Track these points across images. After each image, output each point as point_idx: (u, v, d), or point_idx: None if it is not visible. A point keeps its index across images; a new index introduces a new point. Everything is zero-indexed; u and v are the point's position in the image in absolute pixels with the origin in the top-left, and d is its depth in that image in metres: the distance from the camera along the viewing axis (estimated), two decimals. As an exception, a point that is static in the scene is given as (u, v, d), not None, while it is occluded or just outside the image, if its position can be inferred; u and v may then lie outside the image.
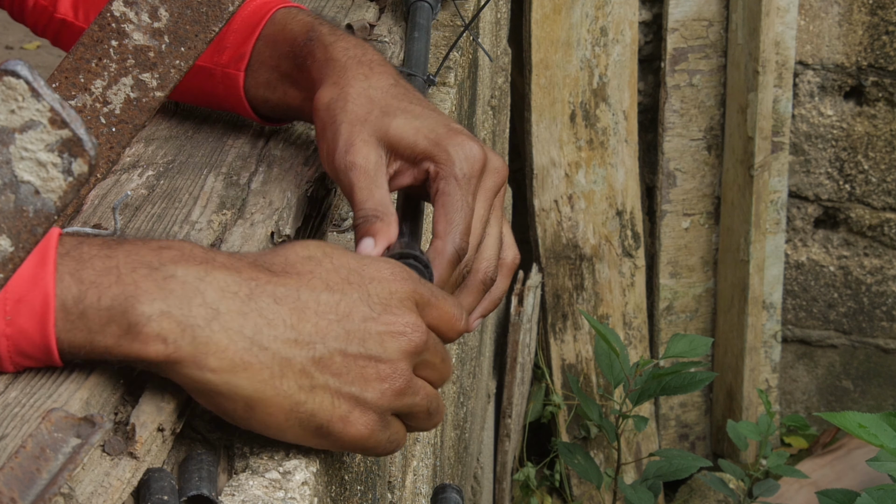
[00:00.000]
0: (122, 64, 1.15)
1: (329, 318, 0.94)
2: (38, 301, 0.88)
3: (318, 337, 0.93)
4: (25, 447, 0.72)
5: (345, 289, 0.96)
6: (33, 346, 0.90)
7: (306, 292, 0.94)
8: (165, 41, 1.15)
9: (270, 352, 0.92)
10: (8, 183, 0.68)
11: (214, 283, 0.91)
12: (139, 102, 1.16)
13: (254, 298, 0.92)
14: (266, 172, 1.30)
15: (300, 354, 0.92)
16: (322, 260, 0.97)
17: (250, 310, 0.92)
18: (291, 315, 0.93)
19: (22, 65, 0.67)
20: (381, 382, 0.95)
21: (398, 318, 0.96)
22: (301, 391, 0.92)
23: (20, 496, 0.70)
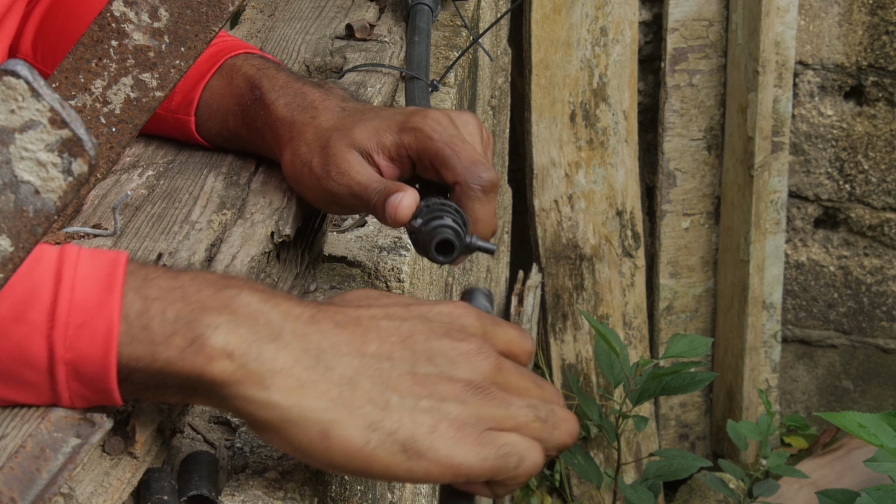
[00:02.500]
0: (122, 64, 1.15)
1: (392, 340, 0.91)
2: (102, 324, 0.85)
3: (384, 358, 0.90)
4: (25, 447, 0.72)
5: (405, 316, 0.93)
6: (93, 368, 0.86)
7: (366, 319, 0.92)
8: (165, 41, 1.15)
9: (337, 372, 0.88)
10: (8, 183, 0.68)
11: (277, 308, 0.89)
12: (139, 102, 1.16)
13: (315, 322, 0.90)
14: (266, 172, 1.30)
15: (367, 375, 0.89)
16: (379, 297, 0.95)
17: (313, 331, 0.89)
18: (353, 338, 0.90)
19: (22, 65, 0.67)
20: (459, 395, 0.90)
21: (462, 342, 0.93)
22: (376, 409, 0.88)
23: (20, 496, 0.70)
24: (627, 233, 3.37)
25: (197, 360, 0.85)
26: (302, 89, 1.26)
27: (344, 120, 1.21)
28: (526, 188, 3.26)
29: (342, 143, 1.18)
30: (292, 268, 1.24)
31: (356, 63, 1.61)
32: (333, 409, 0.87)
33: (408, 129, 1.17)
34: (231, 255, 1.15)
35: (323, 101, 1.24)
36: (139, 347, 0.86)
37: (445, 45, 1.88)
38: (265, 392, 0.86)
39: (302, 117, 1.22)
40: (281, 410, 0.87)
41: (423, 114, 1.17)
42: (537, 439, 0.93)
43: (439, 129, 1.16)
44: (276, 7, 1.80)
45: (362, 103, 1.25)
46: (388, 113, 1.20)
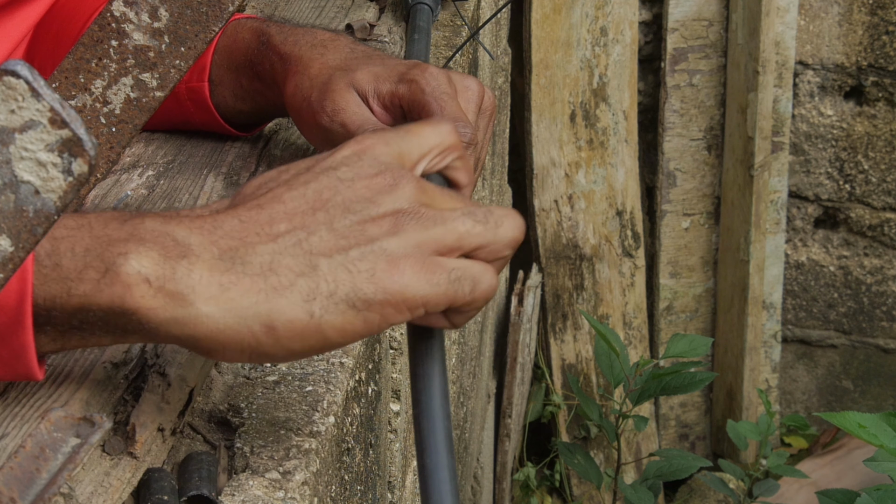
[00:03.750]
0: (122, 64, 1.15)
1: (301, 210, 0.86)
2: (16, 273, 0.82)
3: (298, 229, 0.85)
4: (25, 447, 0.72)
5: (308, 179, 0.88)
6: (8, 317, 0.83)
7: (267, 201, 0.87)
8: (165, 41, 1.15)
9: (255, 263, 0.84)
10: (8, 183, 0.68)
11: (180, 224, 0.86)
12: (139, 102, 1.16)
13: (219, 225, 0.86)
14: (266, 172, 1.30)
15: (287, 252, 0.84)
16: (278, 174, 0.90)
17: (219, 235, 0.85)
18: (260, 225, 0.86)
19: (22, 65, 0.67)
20: (389, 227, 0.85)
21: (376, 178, 0.87)
22: (307, 280, 0.83)
23: (20, 496, 0.70)
24: (627, 233, 3.37)
25: (115, 290, 0.82)
26: (311, 31, 1.28)
27: (350, 61, 1.23)
28: (526, 188, 3.27)
29: (342, 82, 1.20)
30: (292, 268, 1.24)
31: (356, 63, 1.61)
32: (266, 300, 0.83)
33: (405, 80, 1.19)
34: (231, 255, 1.15)
35: (333, 41, 1.27)
36: (53, 286, 0.83)
37: (445, 45, 1.88)
38: (192, 308, 0.83)
39: (310, 53, 1.25)
40: (215, 320, 0.83)
41: (423, 68, 1.19)
42: (484, 245, 0.88)
43: (433, 84, 1.17)
44: (276, 7, 1.80)
45: (368, 50, 1.27)
46: (393, 62, 1.22)
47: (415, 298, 0.84)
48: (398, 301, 0.84)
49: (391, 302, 0.84)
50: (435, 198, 0.88)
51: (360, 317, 0.84)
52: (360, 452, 1.19)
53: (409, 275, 0.84)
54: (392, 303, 0.84)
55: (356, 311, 0.84)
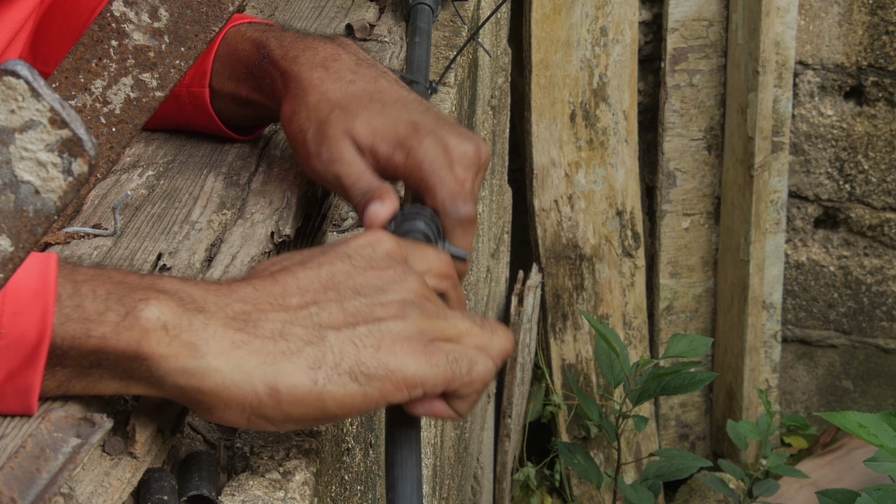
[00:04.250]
0: (122, 64, 1.15)
1: (313, 287, 0.91)
2: (37, 311, 0.85)
3: (311, 304, 0.90)
4: (25, 447, 0.72)
5: (322, 261, 0.92)
6: (23, 352, 0.85)
7: (282, 275, 0.92)
8: (165, 41, 1.15)
9: (267, 328, 0.88)
10: (8, 183, 0.68)
11: (197, 286, 0.90)
12: (139, 102, 1.16)
13: (234, 290, 0.90)
14: (266, 172, 1.30)
15: (298, 322, 0.88)
16: (292, 255, 0.95)
17: (233, 300, 0.89)
18: (273, 295, 0.90)
19: (22, 65, 0.67)
20: (396, 311, 0.90)
21: (387, 271, 0.93)
22: (315, 349, 0.87)
23: (20, 496, 0.70)
24: (627, 233, 3.37)
25: (132, 335, 0.85)
26: (312, 44, 1.25)
27: (350, 100, 1.20)
28: (526, 188, 3.26)
29: (339, 129, 1.18)
30: (292, 268, 1.24)
31: (356, 63, 1.61)
32: (273, 361, 0.87)
33: (403, 147, 1.16)
34: (231, 255, 1.15)
35: (334, 61, 1.23)
36: (73, 326, 0.85)
37: (445, 45, 1.88)
38: (203, 360, 0.86)
39: (310, 75, 1.22)
40: (223, 375, 0.86)
41: (421, 136, 1.17)
42: (480, 346, 0.92)
43: (430, 158, 1.15)
44: (276, 7, 1.80)
45: (372, 73, 1.23)
46: (393, 116, 1.19)
47: (414, 378, 0.89)
48: (398, 378, 0.88)
49: (391, 379, 0.88)
50: (436, 300, 0.93)
51: (361, 391, 0.88)
52: (360, 452, 1.19)
53: (410, 355, 0.89)
54: (392, 380, 0.88)
55: (357, 384, 0.87)
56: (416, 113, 1.19)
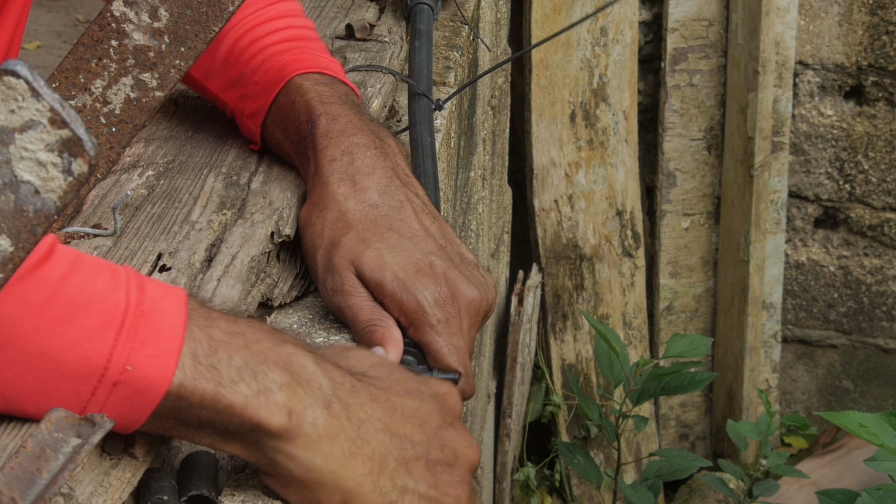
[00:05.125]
0: (122, 64, 1.15)
1: (413, 421, 0.96)
2: (166, 357, 0.86)
3: (407, 439, 0.95)
4: (26, 447, 0.72)
5: (421, 396, 0.99)
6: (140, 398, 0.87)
7: (393, 395, 0.97)
8: (165, 41, 1.15)
9: (372, 446, 0.93)
10: (8, 183, 0.68)
11: (326, 374, 0.93)
12: (139, 102, 1.16)
13: (357, 392, 0.94)
14: (266, 172, 1.30)
15: (393, 453, 0.94)
16: (391, 369, 1.00)
17: (354, 402, 0.94)
18: (385, 414, 0.95)
19: (22, 65, 0.67)
20: (456, 487, 0.97)
21: (464, 434, 0.99)
22: (395, 490, 0.94)
23: (20, 496, 0.70)
24: (627, 233, 3.37)
25: (259, 412, 0.88)
26: (353, 146, 1.23)
27: (367, 224, 1.19)
28: (526, 188, 3.26)
29: (347, 258, 1.17)
30: (292, 268, 1.24)
31: (356, 63, 1.61)
32: (362, 482, 0.92)
33: (409, 289, 1.16)
34: (231, 255, 1.15)
35: (366, 176, 1.21)
36: (206, 385, 0.88)
37: (445, 45, 1.88)
38: (311, 454, 0.90)
39: (336, 188, 1.20)
40: (319, 474, 0.91)
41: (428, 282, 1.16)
42: None
43: (431, 310, 1.16)
44: (276, 7, 1.80)
45: (400, 197, 1.21)
46: (407, 253, 1.17)
47: None
48: None
49: None
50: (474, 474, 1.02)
51: None
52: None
53: None
54: None
55: None
56: (432, 249, 1.18)
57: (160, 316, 0.87)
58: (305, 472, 0.91)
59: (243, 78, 1.32)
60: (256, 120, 1.31)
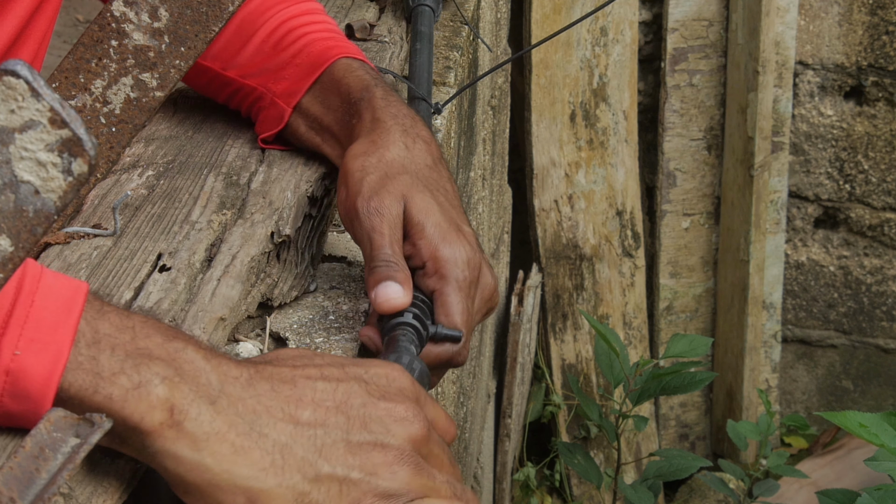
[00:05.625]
0: (122, 64, 1.15)
1: (326, 405, 0.91)
2: (55, 345, 0.84)
3: (318, 424, 0.90)
4: (25, 447, 0.72)
5: (340, 377, 0.93)
6: (33, 385, 0.84)
7: (302, 379, 0.92)
8: (165, 41, 1.15)
9: (270, 439, 0.88)
10: (8, 183, 0.68)
11: (218, 368, 0.89)
12: (139, 102, 1.16)
13: (252, 385, 0.90)
14: (266, 172, 1.30)
15: (301, 442, 0.89)
16: (314, 356, 0.96)
17: (248, 395, 0.89)
18: (289, 403, 0.90)
19: (22, 65, 0.67)
20: (391, 466, 0.91)
21: (398, 405, 0.93)
22: (305, 481, 0.88)
23: (19, 496, 0.70)
24: (627, 233, 3.37)
25: (139, 406, 0.84)
26: (413, 115, 1.26)
27: (425, 173, 1.21)
28: (526, 188, 3.27)
29: (401, 190, 1.17)
30: (292, 268, 1.24)
31: (356, 63, 1.61)
32: (263, 478, 0.87)
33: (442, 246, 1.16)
34: (231, 255, 1.15)
35: (425, 142, 1.24)
36: (84, 377, 0.84)
37: (445, 45, 1.88)
38: (198, 454, 0.85)
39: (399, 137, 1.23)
40: (211, 475, 0.86)
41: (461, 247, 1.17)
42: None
43: (458, 274, 1.16)
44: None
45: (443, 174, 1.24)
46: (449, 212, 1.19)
47: None
48: None
49: None
50: (433, 448, 0.94)
51: None
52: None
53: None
54: None
55: None
56: (464, 221, 1.21)
57: (53, 304, 0.85)
58: (197, 475, 0.85)
59: (281, 62, 1.34)
60: (290, 100, 1.32)
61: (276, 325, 1.19)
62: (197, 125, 1.41)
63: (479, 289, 1.18)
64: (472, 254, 1.17)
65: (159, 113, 1.42)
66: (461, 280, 1.15)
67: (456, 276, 1.15)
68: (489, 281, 1.19)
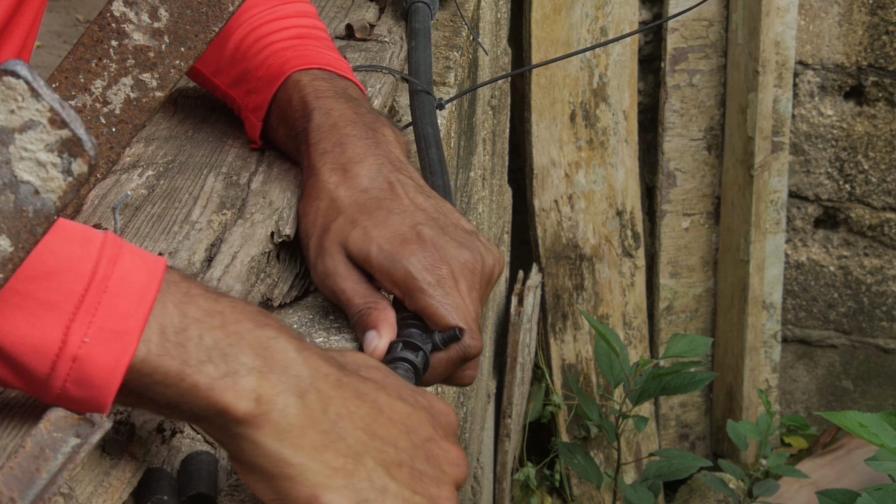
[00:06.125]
0: (122, 64, 1.15)
1: (400, 427, 0.93)
2: (126, 334, 0.84)
3: (390, 443, 0.92)
4: (25, 447, 0.72)
5: (415, 404, 0.95)
6: (98, 374, 0.84)
7: (384, 396, 0.94)
8: (165, 41, 1.15)
9: (346, 443, 0.89)
10: (8, 183, 0.68)
11: (308, 362, 0.90)
12: (139, 102, 1.16)
13: (341, 387, 0.91)
14: (266, 172, 1.30)
15: (373, 454, 0.90)
16: (387, 373, 0.97)
17: (336, 396, 0.90)
18: (368, 414, 0.92)
19: (22, 65, 0.67)
20: (446, 495, 0.93)
21: (455, 449, 0.96)
22: (372, 490, 0.89)
23: (19, 496, 0.70)
24: (627, 233, 3.37)
25: (225, 395, 0.85)
26: (347, 137, 1.22)
27: (356, 207, 1.17)
28: (526, 188, 3.27)
29: (336, 240, 1.16)
30: (292, 268, 1.24)
31: (356, 63, 1.61)
32: (333, 477, 0.88)
33: (395, 258, 1.13)
34: (231, 255, 1.15)
35: (357, 163, 1.20)
36: (171, 363, 0.85)
37: (445, 45, 1.88)
38: (278, 443, 0.87)
39: (327, 178, 1.20)
40: (285, 465, 0.87)
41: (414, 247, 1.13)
42: None
43: (420, 272, 1.12)
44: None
45: (392, 179, 1.20)
46: (395, 225, 1.15)
47: None
48: None
49: None
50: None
51: None
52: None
53: None
54: None
55: None
56: (423, 220, 1.16)
57: (126, 291, 0.85)
58: (271, 462, 0.87)
59: (247, 73, 1.32)
60: (259, 115, 1.31)
61: (276, 325, 1.19)
62: (197, 125, 1.41)
63: (454, 271, 1.13)
64: (429, 254, 1.13)
65: (159, 113, 1.42)
66: (427, 287, 1.12)
67: (421, 287, 1.11)
68: (462, 258, 1.14)
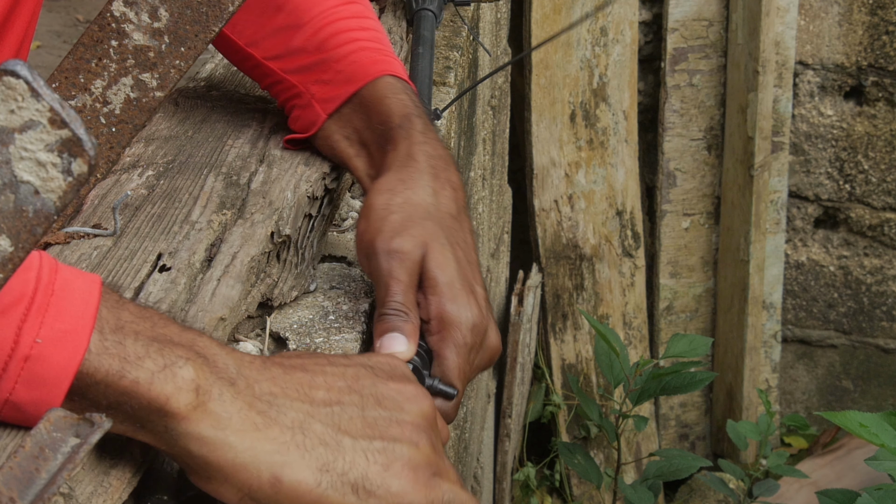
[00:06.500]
0: (122, 64, 1.15)
1: (338, 385, 0.93)
2: (76, 333, 0.84)
3: (334, 403, 0.92)
4: (24, 446, 0.72)
5: (348, 363, 0.96)
6: (51, 372, 0.84)
7: (311, 365, 0.95)
8: (165, 41, 1.15)
9: (289, 416, 0.90)
10: (8, 183, 0.68)
11: (231, 354, 0.91)
12: (139, 102, 1.16)
13: (266, 368, 0.92)
14: (266, 172, 1.30)
15: (319, 419, 0.91)
16: (322, 353, 0.99)
17: (264, 378, 0.91)
18: (302, 385, 0.92)
19: (21, 65, 0.67)
20: (410, 435, 0.93)
21: (407, 385, 0.96)
22: (329, 451, 0.89)
23: (19, 496, 0.70)
24: (627, 233, 3.37)
25: (165, 387, 0.85)
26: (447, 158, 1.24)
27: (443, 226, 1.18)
28: (526, 188, 3.27)
29: (421, 238, 1.15)
30: (292, 268, 1.24)
31: (356, 63, 1.61)
32: (286, 452, 0.88)
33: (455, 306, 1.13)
34: (231, 255, 1.15)
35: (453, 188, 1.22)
36: (111, 361, 0.85)
37: (445, 44, 1.88)
38: (222, 433, 0.86)
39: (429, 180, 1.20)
40: (234, 453, 0.87)
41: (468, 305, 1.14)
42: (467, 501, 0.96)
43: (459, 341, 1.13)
44: (276, 7, 1.80)
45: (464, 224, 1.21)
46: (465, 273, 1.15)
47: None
48: (394, 503, 0.91)
49: (388, 501, 0.90)
50: (438, 434, 0.98)
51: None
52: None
53: (413, 483, 0.92)
54: (389, 502, 0.90)
55: (356, 497, 0.89)
56: (481, 285, 1.18)
57: (71, 294, 0.86)
58: (221, 454, 0.86)
59: (323, 64, 1.31)
60: (328, 106, 1.30)
61: (276, 326, 1.19)
62: (197, 125, 1.41)
63: (480, 352, 1.16)
64: (479, 318, 1.14)
65: (159, 113, 1.42)
66: (462, 345, 1.13)
67: (457, 341, 1.12)
68: (492, 344, 1.17)
